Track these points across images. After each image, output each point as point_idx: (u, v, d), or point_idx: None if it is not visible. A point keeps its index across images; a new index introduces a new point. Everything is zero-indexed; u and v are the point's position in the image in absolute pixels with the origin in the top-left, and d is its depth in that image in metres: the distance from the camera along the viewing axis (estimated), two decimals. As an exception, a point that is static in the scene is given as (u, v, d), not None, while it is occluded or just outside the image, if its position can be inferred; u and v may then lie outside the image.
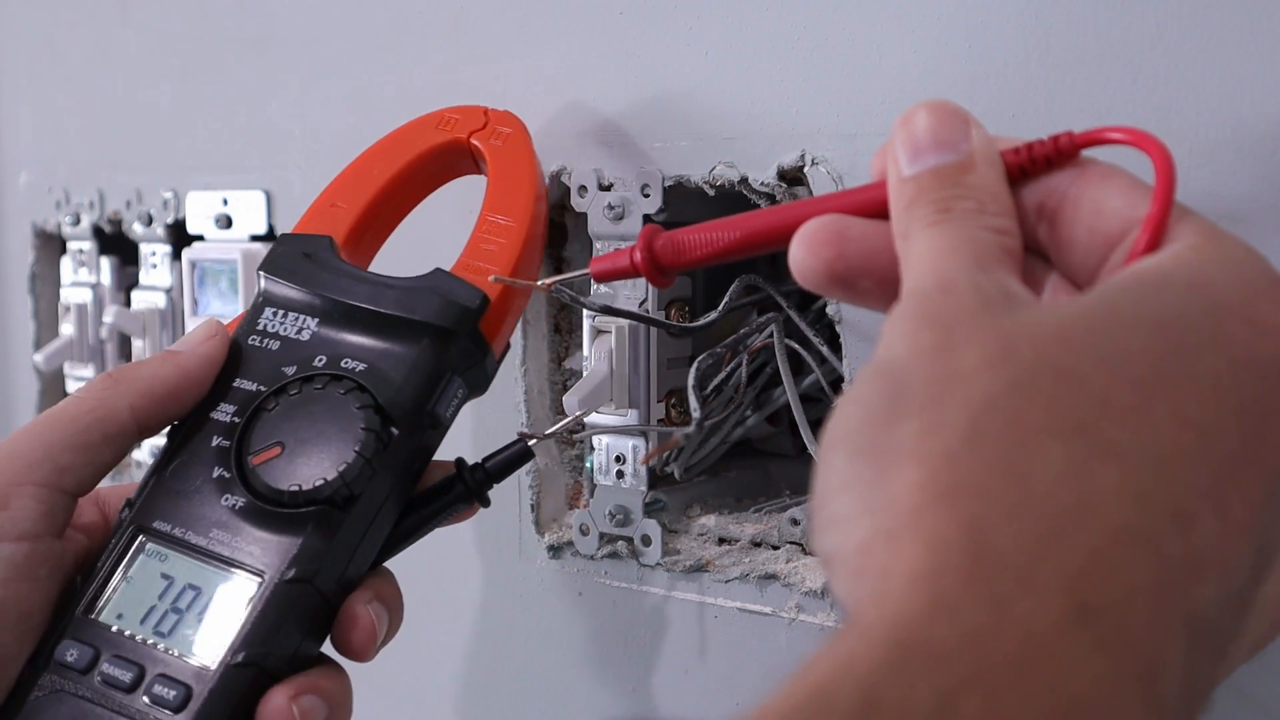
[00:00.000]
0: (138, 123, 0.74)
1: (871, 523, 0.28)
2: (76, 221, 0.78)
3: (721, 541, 0.54)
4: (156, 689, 0.41)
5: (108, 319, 0.74)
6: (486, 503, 0.47)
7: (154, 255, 0.74)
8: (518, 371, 0.57)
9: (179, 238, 0.73)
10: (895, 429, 0.28)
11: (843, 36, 0.48)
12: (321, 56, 0.65)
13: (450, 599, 0.61)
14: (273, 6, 0.67)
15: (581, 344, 0.55)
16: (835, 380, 0.53)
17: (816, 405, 0.54)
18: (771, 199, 0.50)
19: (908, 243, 0.33)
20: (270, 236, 0.68)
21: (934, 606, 0.25)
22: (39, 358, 0.78)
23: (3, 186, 0.83)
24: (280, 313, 0.47)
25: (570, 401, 0.52)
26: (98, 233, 0.78)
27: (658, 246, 0.41)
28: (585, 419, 0.52)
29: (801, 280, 0.35)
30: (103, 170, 0.76)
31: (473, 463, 0.46)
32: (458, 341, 0.45)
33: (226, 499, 0.43)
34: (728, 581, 0.52)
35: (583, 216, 0.54)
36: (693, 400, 0.51)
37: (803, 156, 0.48)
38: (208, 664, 0.41)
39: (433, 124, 0.52)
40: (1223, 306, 0.29)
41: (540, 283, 0.48)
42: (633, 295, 0.53)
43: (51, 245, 0.81)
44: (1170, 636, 0.26)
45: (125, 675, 0.41)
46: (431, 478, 0.46)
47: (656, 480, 0.55)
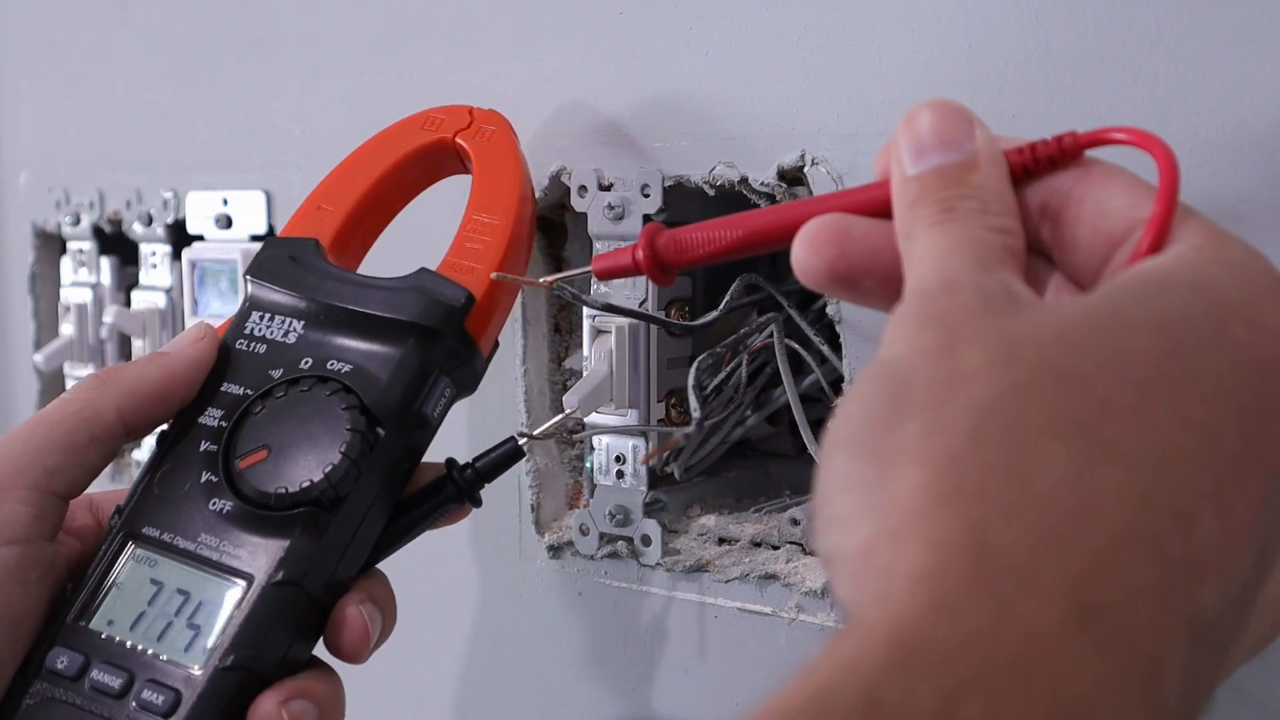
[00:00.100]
0: (138, 123, 0.74)
1: (873, 523, 0.28)
2: (76, 221, 0.78)
3: (721, 541, 0.54)
4: (145, 695, 0.41)
5: (108, 319, 0.74)
6: (478, 502, 0.47)
7: (154, 255, 0.74)
8: (518, 371, 0.57)
9: (179, 238, 0.73)
10: (897, 429, 0.28)
11: (843, 36, 0.48)
12: (321, 56, 0.65)
13: (450, 599, 0.61)
14: (273, 6, 0.67)
15: (581, 344, 0.55)
16: (835, 380, 0.52)
17: (816, 405, 0.54)
18: (771, 199, 0.49)
19: (911, 242, 0.33)
20: (270, 236, 0.68)
21: (936, 607, 0.25)
22: (39, 358, 0.78)
23: (3, 186, 0.83)
24: (267, 316, 0.47)
25: (570, 401, 0.52)
26: (98, 233, 0.78)
27: (660, 244, 0.41)
28: (584, 419, 0.52)
29: (803, 279, 0.35)
30: (103, 170, 0.76)
31: (463, 463, 0.46)
32: (443, 340, 0.45)
33: (214, 503, 0.43)
34: (728, 581, 0.52)
35: (583, 216, 0.54)
36: (693, 400, 0.51)
37: (803, 156, 0.48)
38: (196, 669, 0.41)
39: (418, 124, 0.52)
40: (1225, 307, 0.29)
41: (542, 280, 0.48)
42: (633, 295, 0.53)
43: (51, 245, 0.81)
44: (1171, 637, 0.26)
45: (115, 681, 0.41)
46: (423, 479, 0.46)
47: (656, 480, 0.55)
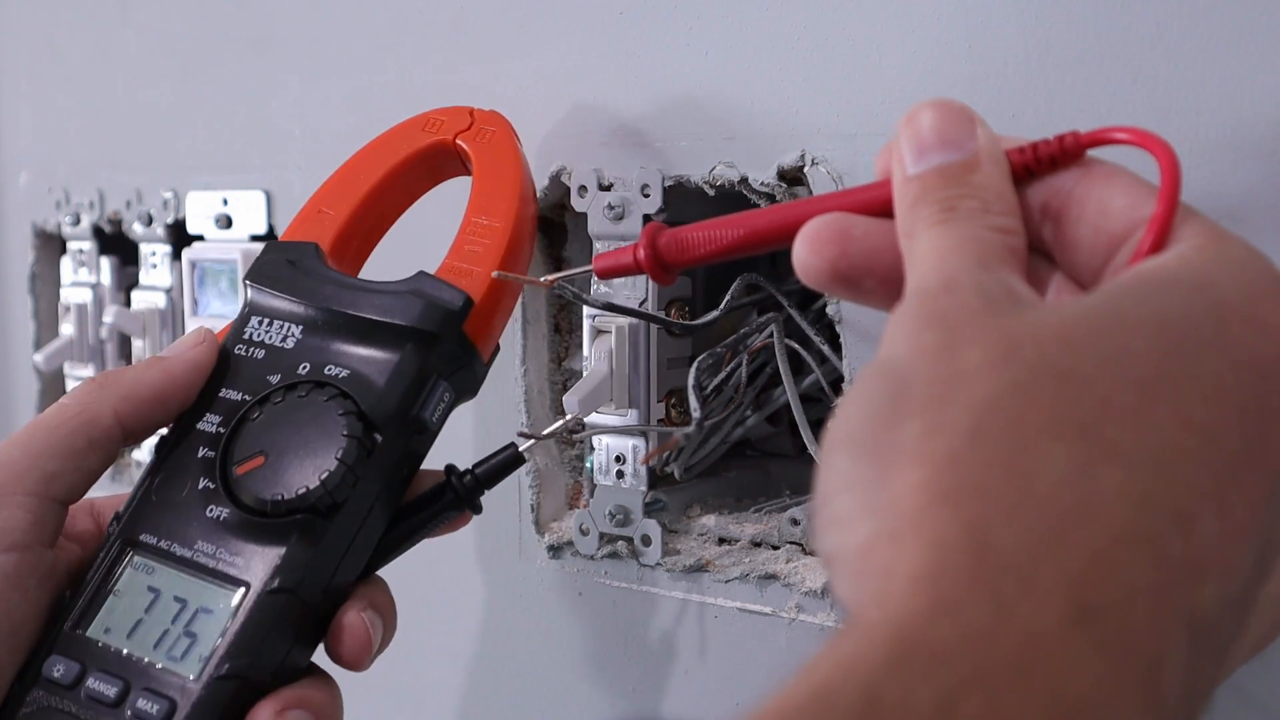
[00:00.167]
0: (138, 123, 0.74)
1: (873, 523, 0.28)
2: (76, 221, 0.78)
3: (721, 541, 0.54)
4: (140, 704, 0.40)
5: (108, 319, 0.74)
6: (478, 509, 0.46)
7: (154, 255, 0.74)
8: (517, 372, 0.57)
9: (179, 238, 0.73)
10: (897, 429, 0.28)
11: (843, 36, 0.48)
12: (321, 56, 0.65)
13: (450, 599, 0.61)
14: (273, 6, 0.67)
15: (581, 344, 0.55)
16: (835, 380, 0.52)
17: (816, 405, 0.54)
18: (771, 199, 0.49)
19: (912, 241, 0.33)
20: (270, 236, 0.68)
21: (935, 607, 0.25)
22: (39, 358, 0.78)
23: (3, 186, 0.83)
24: (265, 321, 0.47)
25: (570, 401, 0.51)
26: (98, 233, 0.78)
27: (661, 243, 0.41)
28: (584, 419, 0.52)
29: (805, 279, 0.35)
30: (103, 170, 0.76)
31: (463, 469, 0.46)
32: (441, 345, 0.45)
33: (211, 510, 0.43)
34: (728, 581, 0.52)
35: (583, 216, 0.54)
36: (693, 400, 0.51)
37: (803, 156, 0.48)
38: (192, 677, 0.41)
39: (419, 126, 0.52)
40: (1226, 307, 0.29)
41: (543, 279, 0.47)
42: (633, 295, 0.53)
43: (51, 245, 0.81)
44: (1171, 637, 0.26)
45: (110, 690, 0.41)
46: (422, 486, 0.46)
47: (656, 480, 0.55)
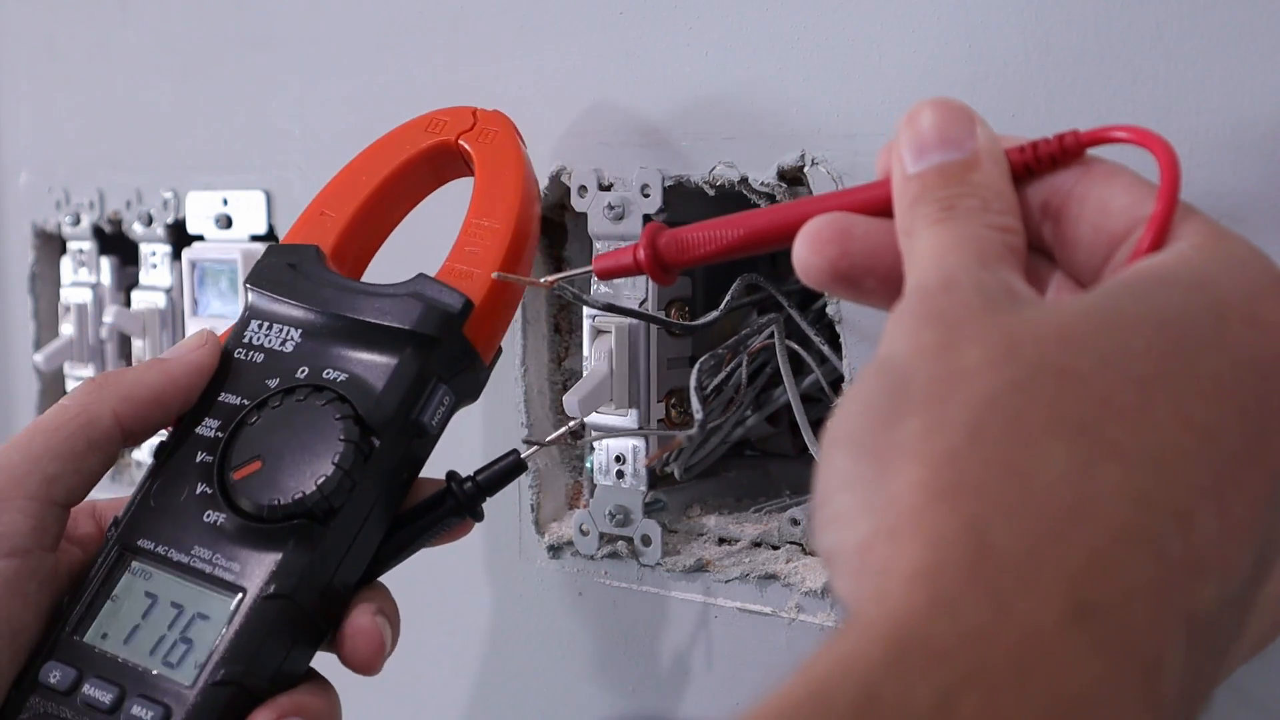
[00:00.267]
0: (138, 123, 0.74)
1: (872, 521, 0.28)
2: (76, 221, 0.78)
3: (721, 541, 0.54)
4: (135, 710, 0.40)
5: (108, 319, 0.74)
6: (479, 516, 0.46)
7: (154, 255, 0.74)
8: (517, 372, 0.57)
9: (179, 238, 0.73)
10: (897, 427, 0.28)
11: (843, 36, 0.48)
12: (321, 56, 0.65)
13: (450, 599, 0.61)
14: (273, 6, 0.67)
15: (581, 344, 0.55)
16: (835, 380, 0.53)
17: (816, 405, 0.54)
18: (771, 199, 0.49)
19: (911, 240, 0.33)
20: (270, 236, 0.68)
21: (934, 605, 0.25)
22: (39, 358, 0.78)
23: (3, 186, 0.83)
24: (265, 325, 0.46)
25: (570, 401, 0.51)
26: (98, 233, 0.78)
27: (661, 243, 0.40)
28: (585, 419, 0.52)
29: (805, 278, 0.35)
30: (103, 170, 0.76)
31: (464, 476, 0.46)
32: (441, 348, 0.45)
33: (209, 515, 0.43)
34: (728, 581, 0.52)
35: (583, 216, 0.54)
36: (695, 402, 0.51)
37: (803, 156, 0.48)
38: (187, 683, 0.40)
39: (422, 127, 0.52)
40: (1225, 306, 0.29)
41: (543, 280, 0.47)
42: (633, 295, 0.53)
43: (51, 245, 0.81)
44: (1170, 636, 0.26)
45: (106, 696, 0.41)
46: (423, 493, 0.46)
47: (656, 480, 0.55)
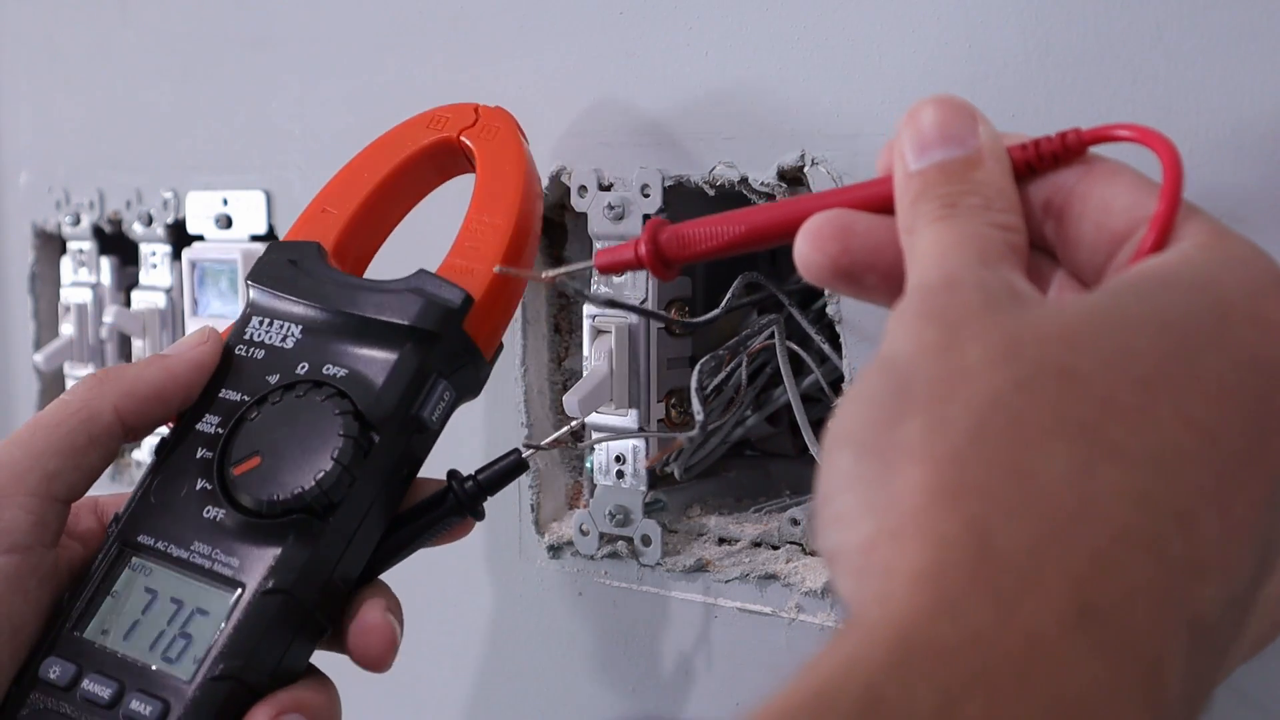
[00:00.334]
0: (138, 123, 0.74)
1: (875, 521, 0.28)
2: (76, 221, 0.78)
3: (721, 541, 0.54)
4: (134, 705, 0.40)
5: (108, 319, 0.74)
6: (480, 515, 0.46)
7: (154, 255, 0.74)
8: (517, 371, 0.57)
9: (179, 238, 0.73)
10: (899, 427, 0.28)
11: (843, 36, 0.48)
12: (321, 56, 0.65)
13: (450, 599, 0.61)
14: (273, 6, 0.67)
15: (582, 344, 0.55)
16: (836, 380, 0.52)
17: (816, 405, 0.54)
18: (771, 199, 0.49)
19: (913, 238, 0.33)
20: (270, 236, 0.68)
21: (937, 606, 0.25)
22: (39, 358, 0.78)
23: (3, 186, 0.83)
24: (266, 321, 0.47)
25: (570, 401, 0.51)
26: (98, 233, 0.78)
27: (663, 239, 0.40)
28: (585, 419, 0.52)
29: (806, 275, 0.35)
30: (103, 170, 0.76)
31: (465, 475, 0.46)
32: (441, 343, 0.45)
33: (208, 511, 0.43)
34: (728, 581, 0.52)
35: (583, 216, 0.54)
36: (695, 404, 0.51)
37: (803, 156, 0.48)
38: (186, 679, 0.40)
39: (424, 123, 0.52)
40: (1228, 306, 0.29)
41: (544, 274, 0.47)
42: (634, 294, 0.53)
43: (51, 245, 0.81)
44: (1172, 637, 0.26)
45: (105, 692, 0.41)
46: (423, 493, 0.46)
47: (656, 480, 0.55)
